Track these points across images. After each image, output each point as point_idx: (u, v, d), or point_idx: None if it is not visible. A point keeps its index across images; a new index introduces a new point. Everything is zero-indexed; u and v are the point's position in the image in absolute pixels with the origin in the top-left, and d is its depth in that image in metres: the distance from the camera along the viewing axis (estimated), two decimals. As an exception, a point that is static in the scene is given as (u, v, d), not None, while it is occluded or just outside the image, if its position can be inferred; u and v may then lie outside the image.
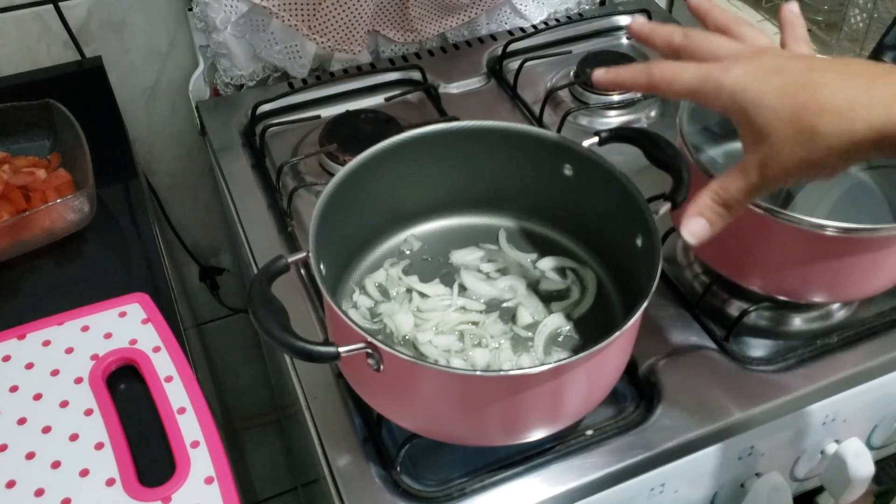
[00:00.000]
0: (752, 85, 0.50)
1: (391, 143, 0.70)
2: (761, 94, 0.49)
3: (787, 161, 0.49)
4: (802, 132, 0.48)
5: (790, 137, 0.48)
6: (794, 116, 0.48)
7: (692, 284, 0.80)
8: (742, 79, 0.50)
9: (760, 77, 0.50)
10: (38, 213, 0.78)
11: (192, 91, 1.05)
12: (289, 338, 0.55)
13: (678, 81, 0.53)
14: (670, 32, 0.57)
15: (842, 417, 0.76)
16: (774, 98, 0.49)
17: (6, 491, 0.61)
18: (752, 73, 0.50)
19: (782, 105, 0.48)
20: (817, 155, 0.48)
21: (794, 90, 0.48)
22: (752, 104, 0.50)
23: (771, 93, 0.49)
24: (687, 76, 0.53)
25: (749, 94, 0.50)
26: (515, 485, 0.65)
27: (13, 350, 0.70)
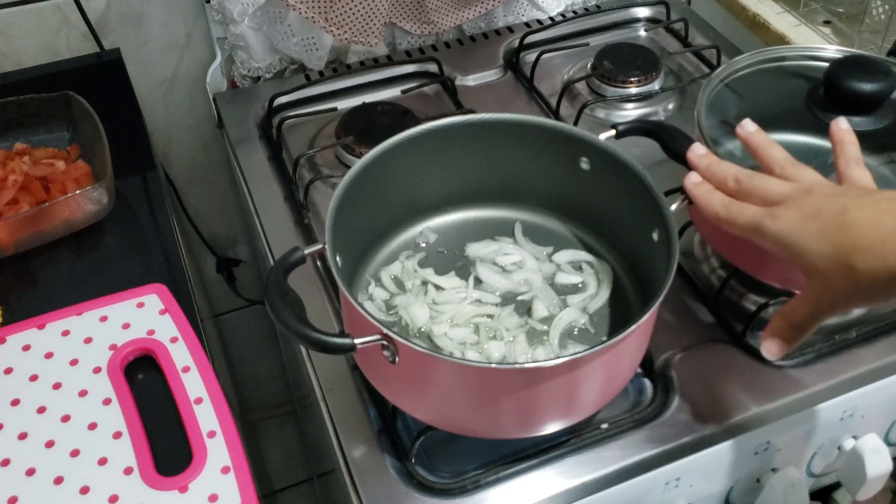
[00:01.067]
0: (794, 232, 0.55)
1: (407, 135, 0.70)
2: (802, 239, 0.54)
3: (837, 294, 0.54)
4: (844, 269, 0.52)
5: (835, 274, 0.53)
6: (834, 256, 0.53)
7: (709, 278, 0.80)
8: (785, 227, 0.55)
9: (801, 224, 0.55)
10: (57, 205, 0.79)
11: (209, 83, 1.05)
12: (305, 329, 0.55)
13: (736, 224, 0.59)
14: (724, 175, 0.61)
15: (859, 413, 0.75)
16: (814, 242, 0.54)
17: (26, 478, 0.62)
18: (794, 221, 0.55)
19: (822, 246, 0.53)
20: (863, 287, 0.52)
21: (831, 232, 0.53)
22: (797, 248, 0.55)
23: (810, 237, 0.54)
24: (743, 220, 0.58)
25: (792, 240, 0.55)
26: (530, 477, 0.65)
27: (33, 340, 0.71)
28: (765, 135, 0.63)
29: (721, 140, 0.75)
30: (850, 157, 0.61)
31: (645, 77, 0.97)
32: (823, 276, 0.54)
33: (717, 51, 1.00)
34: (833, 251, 0.53)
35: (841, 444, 0.78)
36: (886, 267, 0.51)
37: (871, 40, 0.97)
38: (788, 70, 0.80)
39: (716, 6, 1.11)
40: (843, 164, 0.61)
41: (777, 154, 0.62)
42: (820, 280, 0.54)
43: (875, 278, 0.51)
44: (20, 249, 0.80)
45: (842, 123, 0.63)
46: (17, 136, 0.89)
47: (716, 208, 0.60)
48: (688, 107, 0.97)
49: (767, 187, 0.59)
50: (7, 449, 0.63)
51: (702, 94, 0.75)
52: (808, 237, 0.54)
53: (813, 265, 0.54)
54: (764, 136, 0.63)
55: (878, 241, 0.51)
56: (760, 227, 0.57)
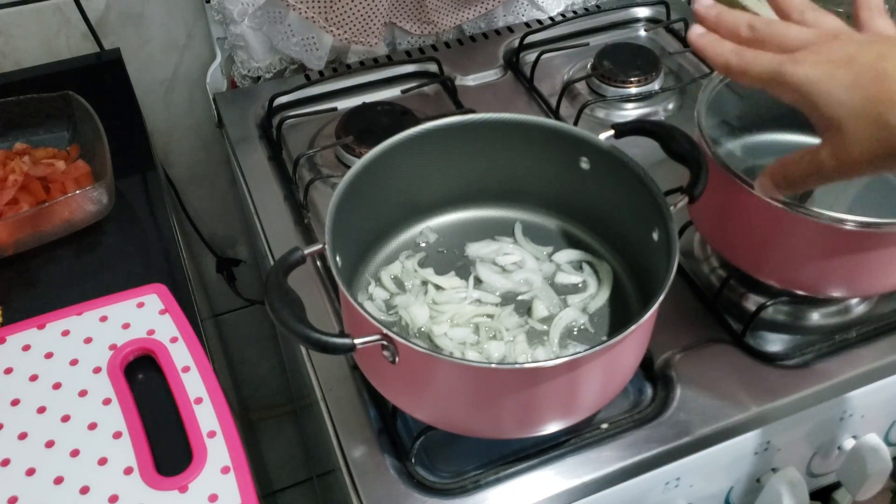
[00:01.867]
0: (822, 78, 0.49)
1: (407, 135, 0.70)
2: (831, 88, 0.48)
3: (859, 153, 0.49)
4: (874, 125, 0.47)
5: (862, 130, 0.48)
6: (865, 109, 0.47)
7: (709, 278, 0.80)
8: (811, 72, 0.49)
9: (830, 70, 0.49)
10: (57, 205, 0.79)
11: (209, 83, 1.05)
12: (305, 329, 0.55)
13: (750, 72, 0.53)
14: (736, 24, 0.56)
15: (860, 413, 0.75)
16: (844, 91, 0.48)
17: (26, 478, 0.62)
18: (822, 66, 0.49)
19: (852, 98, 0.48)
20: (891, 148, 0.47)
21: (864, 82, 0.48)
22: (823, 98, 0.49)
23: (841, 86, 0.48)
24: (758, 67, 0.52)
25: (819, 88, 0.49)
26: (530, 477, 0.65)
27: (33, 340, 0.71)
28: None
29: (721, 140, 0.75)
30: (873, 4, 0.55)
31: (645, 77, 0.97)
32: (845, 132, 0.49)
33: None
34: (864, 103, 0.47)
35: (841, 444, 0.78)
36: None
37: (871, 40, 0.97)
38: (788, 70, 0.80)
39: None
40: (865, 12, 0.55)
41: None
42: (840, 135, 0.49)
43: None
44: (20, 249, 0.80)
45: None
46: (17, 136, 0.89)
47: (726, 56, 0.54)
48: (688, 107, 0.97)
49: (786, 32, 0.53)
50: (7, 449, 0.63)
51: (702, 94, 0.75)
52: (837, 85, 0.48)
53: (837, 118, 0.49)
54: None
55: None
56: (781, 73, 0.50)
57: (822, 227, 0.64)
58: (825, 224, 0.64)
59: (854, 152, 0.49)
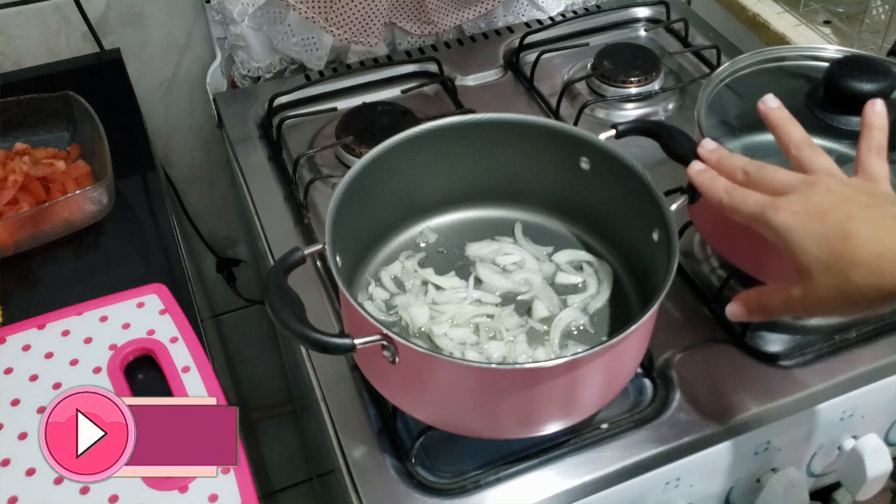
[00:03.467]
0: (796, 229, 0.54)
1: (407, 135, 0.70)
2: (803, 239, 0.53)
3: (825, 300, 0.53)
4: (838, 279, 0.52)
5: (828, 282, 0.52)
6: (830, 263, 0.52)
7: (709, 279, 0.80)
8: (788, 221, 0.54)
9: (804, 222, 0.54)
10: (57, 205, 0.79)
11: (209, 83, 1.05)
12: (305, 329, 0.55)
13: (739, 211, 0.58)
14: (733, 168, 0.60)
15: (860, 413, 0.75)
16: (814, 245, 0.53)
17: (26, 478, 0.62)
18: (798, 217, 0.54)
19: (820, 251, 0.52)
20: (853, 300, 0.52)
21: (832, 239, 0.52)
22: (796, 246, 0.54)
23: (810, 238, 0.53)
24: (746, 209, 0.57)
25: (793, 237, 0.54)
26: (530, 477, 0.65)
27: (33, 340, 0.71)
28: (786, 112, 0.61)
29: (721, 140, 0.74)
30: (874, 144, 0.58)
31: (645, 77, 0.97)
32: (814, 280, 0.53)
33: (717, 51, 1.00)
34: (830, 259, 0.52)
35: (841, 444, 0.78)
36: (880, 285, 0.51)
37: (871, 40, 0.97)
38: (788, 70, 0.80)
39: (716, 6, 1.11)
40: (864, 150, 0.58)
41: (795, 133, 0.60)
42: (810, 282, 0.54)
43: (866, 294, 0.51)
44: (20, 249, 0.80)
45: (878, 106, 0.60)
46: (17, 136, 0.89)
47: (719, 194, 0.59)
48: (688, 107, 0.97)
49: (773, 177, 0.57)
50: (7, 449, 0.63)
51: (702, 94, 0.75)
52: (809, 238, 0.53)
53: (807, 267, 0.53)
54: (785, 114, 0.61)
55: (875, 258, 0.51)
56: (763, 217, 0.55)
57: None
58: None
59: (821, 298, 0.53)
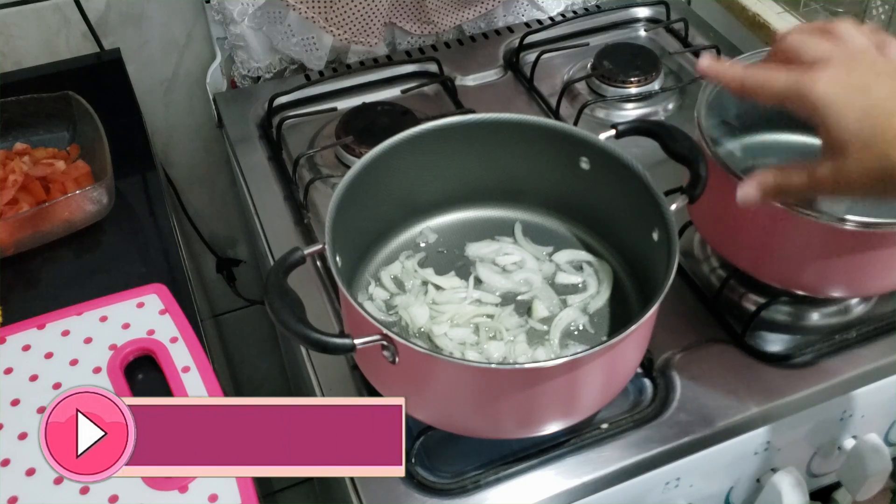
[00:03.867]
0: (837, 100, 0.50)
1: (407, 135, 0.70)
2: (844, 112, 0.50)
3: (857, 179, 0.50)
4: (876, 157, 0.49)
5: (864, 159, 0.49)
6: (871, 140, 0.49)
7: (709, 278, 0.80)
8: (828, 92, 0.50)
9: (846, 94, 0.50)
10: (57, 205, 0.79)
11: (209, 83, 1.05)
12: (305, 329, 0.55)
13: (767, 88, 0.53)
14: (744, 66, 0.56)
15: (860, 413, 0.75)
16: (855, 119, 0.49)
17: (26, 478, 0.62)
18: (840, 88, 0.50)
19: (861, 127, 0.49)
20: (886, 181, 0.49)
21: (876, 113, 0.49)
22: (834, 120, 0.50)
23: (853, 113, 0.49)
24: (776, 84, 0.52)
25: (833, 110, 0.50)
26: (530, 477, 0.65)
27: (33, 340, 0.71)
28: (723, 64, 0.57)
29: (721, 140, 0.75)
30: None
31: (645, 77, 0.97)
32: (848, 158, 0.50)
33: (717, 51, 1.00)
34: (870, 136, 0.49)
35: (841, 444, 0.78)
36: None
37: (871, 40, 0.97)
38: (788, 70, 0.80)
39: (716, 6, 1.11)
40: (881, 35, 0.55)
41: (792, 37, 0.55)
42: (843, 160, 0.50)
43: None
44: (20, 249, 0.80)
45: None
46: (17, 136, 0.89)
47: (739, 75, 0.54)
48: (688, 107, 0.97)
49: (808, 45, 0.53)
50: (7, 449, 0.63)
51: (702, 94, 0.75)
52: (851, 111, 0.49)
53: (843, 143, 0.50)
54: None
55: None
56: (798, 89, 0.51)
57: (822, 227, 0.64)
58: (825, 224, 0.64)
59: (853, 177, 0.50)
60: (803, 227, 0.65)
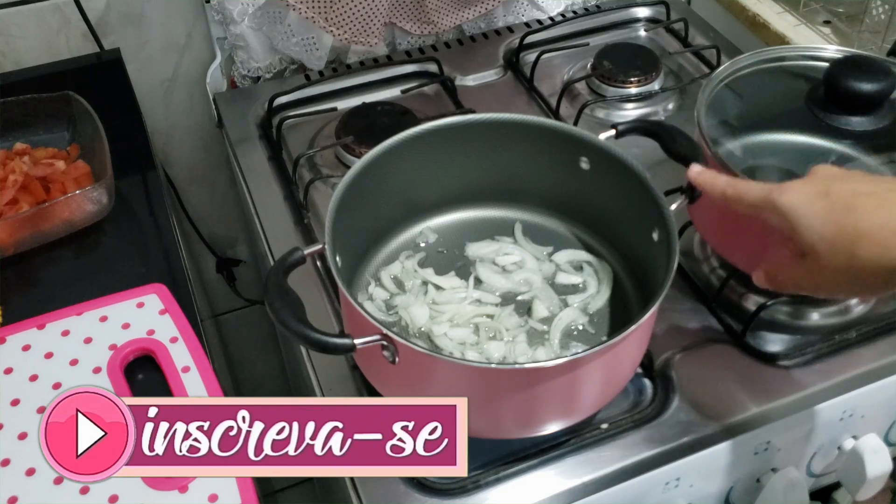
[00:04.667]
0: (801, 208, 0.54)
1: (407, 135, 0.70)
2: (808, 216, 0.53)
3: (832, 278, 0.53)
4: (843, 255, 0.52)
5: (833, 259, 0.52)
6: (835, 239, 0.52)
7: (709, 278, 0.80)
8: (794, 200, 0.54)
9: (809, 200, 0.54)
10: (57, 205, 0.79)
11: (209, 83, 1.05)
12: (305, 329, 0.55)
13: (744, 198, 0.58)
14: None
15: (859, 413, 0.75)
16: (818, 221, 0.53)
17: (26, 478, 0.62)
18: (803, 195, 0.54)
19: (825, 227, 0.52)
20: (858, 277, 0.52)
21: (837, 214, 0.52)
22: (801, 225, 0.54)
23: (816, 216, 0.53)
24: (751, 197, 0.57)
25: (798, 214, 0.54)
26: (530, 477, 0.65)
27: (33, 340, 0.71)
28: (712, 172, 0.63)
29: (721, 140, 0.75)
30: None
31: (645, 77, 0.97)
32: (820, 258, 0.53)
33: (717, 51, 1.00)
34: (835, 234, 0.52)
35: (841, 444, 0.78)
36: (884, 258, 0.50)
37: (871, 40, 0.97)
38: (788, 70, 0.80)
39: (716, 6, 1.11)
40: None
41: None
42: (815, 260, 0.53)
43: (872, 269, 0.51)
44: (20, 249, 0.80)
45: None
46: (17, 136, 0.89)
47: (721, 187, 0.60)
48: (688, 107, 0.97)
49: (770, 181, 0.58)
50: (7, 449, 0.63)
51: (702, 94, 0.75)
52: (814, 215, 0.53)
53: (812, 245, 0.53)
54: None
55: (881, 229, 0.50)
56: (769, 200, 0.55)
57: (822, 227, 0.64)
58: (825, 224, 0.64)
59: (827, 276, 0.53)
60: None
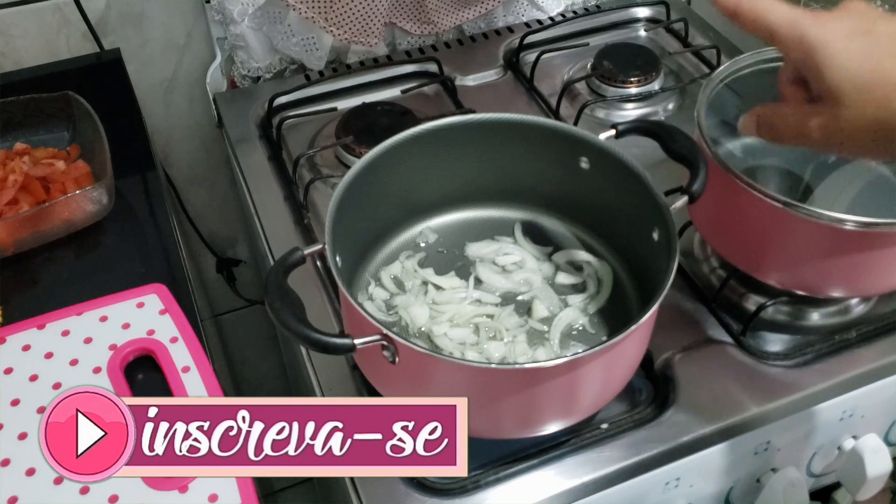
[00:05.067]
0: (835, 42, 0.45)
1: (407, 135, 0.70)
2: (842, 54, 0.45)
3: (853, 131, 0.46)
4: (874, 104, 0.44)
5: (862, 107, 0.45)
6: (870, 85, 0.44)
7: (709, 278, 0.80)
8: (826, 35, 0.46)
9: (847, 34, 0.46)
10: (57, 205, 0.79)
11: (209, 83, 1.05)
12: (305, 329, 0.55)
13: (763, 20, 0.49)
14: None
15: (859, 413, 0.75)
16: (854, 62, 0.45)
17: (26, 478, 0.62)
18: (840, 31, 0.46)
19: (861, 69, 0.45)
20: (886, 132, 0.45)
21: (878, 56, 0.44)
22: (831, 64, 0.45)
23: (852, 55, 0.45)
24: (774, 17, 0.48)
25: (829, 52, 0.45)
26: (530, 477, 0.65)
27: (33, 340, 0.71)
28: None
29: (721, 140, 0.75)
30: None
31: (645, 77, 0.97)
32: (843, 105, 0.45)
33: (717, 51, 1.00)
34: (871, 78, 0.44)
35: (841, 444, 0.78)
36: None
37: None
38: (788, 70, 0.80)
39: (716, 6, 1.11)
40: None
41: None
42: (836, 108, 0.46)
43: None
44: (20, 249, 0.80)
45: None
46: (17, 136, 0.89)
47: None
48: (688, 107, 0.97)
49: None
50: (7, 449, 0.63)
51: (702, 94, 0.75)
52: (849, 54, 0.45)
53: (839, 88, 0.45)
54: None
55: None
56: (797, 29, 0.47)
57: (822, 227, 0.64)
58: (825, 224, 0.64)
59: (846, 129, 0.46)
60: (803, 227, 0.65)
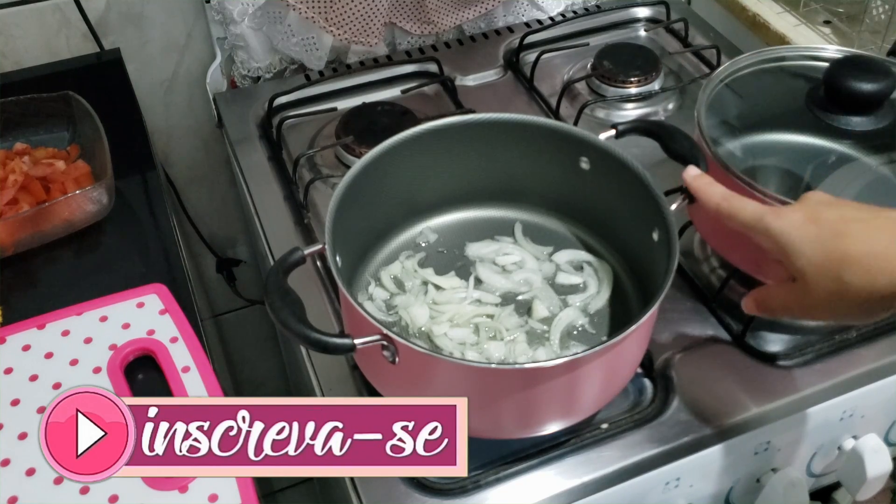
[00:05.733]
0: (793, 232, 0.54)
1: (407, 135, 0.70)
2: (798, 241, 0.54)
3: (822, 304, 0.54)
4: (832, 281, 0.52)
5: (823, 284, 0.53)
6: (824, 265, 0.53)
7: (709, 278, 0.80)
8: (786, 226, 0.55)
9: (800, 225, 0.55)
10: (57, 205, 0.79)
11: (209, 83, 1.05)
12: (305, 329, 0.55)
13: (737, 218, 0.58)
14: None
15: (859, 413, 0.75)
16: (808, 246, 0.54)
17: (26, 478, 0.62)
18: (795, 221, 0.55)
19: (814, 252, 0.53)
20: (847, 303, 0.53)
21: (825, 239, 0.53)
22: (791, 249, 0.54)
23: (806, 240, 0.54)
24: (745, 215, 0.58)
25: (789, 240, 0.54)
26: (530, 477, 0.65)
27: (33, 340, 0.71)
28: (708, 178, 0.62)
29: (721, 140, 0.75)
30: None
31: (645, 77, 0.97)
32: (810, 284, 0.54)
33: (717, 51, 1.00)
34: (824, 259, 0.53)
35: (841, 445, 0.78)
36: (871, 284, 0.51)
37: (871, 40, 0.97)
38: (788, 70, 0.80)
39: (716, 6, 1.11)
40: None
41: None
42: (805, 286, 0.54)
43: (860, 294, 0.52)
44: (20, 249, 0.80)
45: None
46: (17, 136, 0.89)
47: (716, 199, 0.60)
48: (688, 107, 0.97)
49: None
50: (7, 449, 0.63)
51: (702, 94, 0.75)
52: (805, 240, 0.54)
53: (802, 270, 0.54)
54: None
55: (868, 256, 0.51)
56: (763, 223, 0.56)
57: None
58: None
59: (817, 302, 0.54)
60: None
